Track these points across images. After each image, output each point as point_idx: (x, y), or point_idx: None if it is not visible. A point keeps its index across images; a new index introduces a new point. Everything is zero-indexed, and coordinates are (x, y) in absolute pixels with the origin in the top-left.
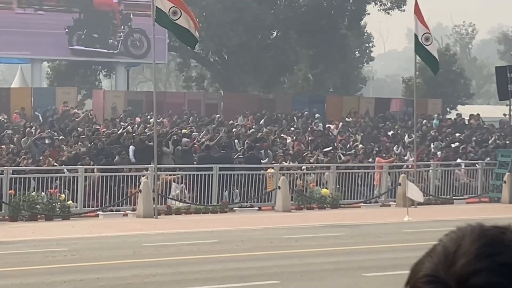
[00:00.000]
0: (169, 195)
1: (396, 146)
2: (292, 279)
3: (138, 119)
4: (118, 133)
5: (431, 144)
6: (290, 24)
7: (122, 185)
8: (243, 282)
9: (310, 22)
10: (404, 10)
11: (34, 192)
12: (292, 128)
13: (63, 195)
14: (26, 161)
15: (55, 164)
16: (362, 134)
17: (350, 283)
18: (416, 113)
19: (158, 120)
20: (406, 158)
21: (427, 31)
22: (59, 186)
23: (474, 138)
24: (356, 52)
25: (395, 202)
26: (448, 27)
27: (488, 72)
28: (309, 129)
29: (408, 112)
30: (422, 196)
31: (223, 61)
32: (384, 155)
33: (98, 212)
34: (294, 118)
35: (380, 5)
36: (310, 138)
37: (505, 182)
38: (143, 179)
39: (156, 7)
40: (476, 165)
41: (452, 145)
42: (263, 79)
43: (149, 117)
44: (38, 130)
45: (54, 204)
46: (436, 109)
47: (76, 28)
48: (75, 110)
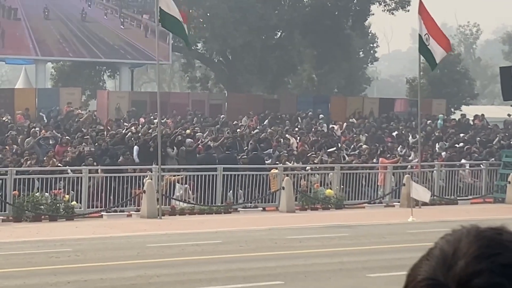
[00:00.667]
0: (173, 195)
1: (400, 146)
2: (296, 280)
3: (142, 120)
4: (122, 133)
5: (436, 144)
6: (294, 25)
7: (126, 185)
8: (247, 282)
9: (314, 23)
10: (408, 11)
11: (38, 193)
12: (296, 129)
13: (67, 196)
14: (29, 162)
15: (59, 164)
16: (366, 134)
17: (354, 283)
18: (420, 113)
19: (162, 121)
20: (410, 158)
21: (427, 33)
22: (63, 186)
23: (479, 138)
24: (361, 53)
25: (399, 202)
26: (453, 27)
27: (492, 72)
28: (313, 129)
29: (413, 113)
30: (429, 196)
31: (227, 61)
32: (388, 155)
33: (102, 213)
34: (298, 118)
35: (385, 5)
36: (314, 139)
37: (509, 183)
38: (147, 180)
39: (160, 9)
40: (481, 165)
41: (457, 145)
42: (267, 80)
43: (152, 117)
44: (42, 131)
45: (58, 205)
46: (440, 109)
47: None
48: (79, 110)
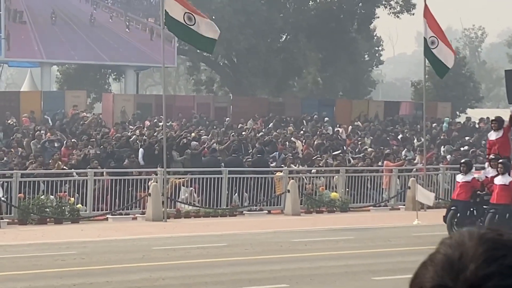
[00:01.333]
0: (178, 198)
1: (405, 149)
2: (301, 283)
3: (147, 123)
4: (127, 135)
5: (441, 147)
6: (299, 28)
7: (131, 188)
8: (253, 285)
9: (319, 26)
10: (413, 14)
11: (43, 196)
12: (302, 132)
13: (72, 199)
14: (33, 164)
15: (64, 167)
16: (371, 137)
17: (360, 286)
18: (425, 116)
19: (168, 124)
20: (415, 162)
21: (433, 35)
22: (69, 189)
23: (484, 141)
24: (366, 56)
25: (404, 205)
26: (458, 31)
27: (497, 75)
28: (318, 132)
29: (418, 116)
30: (432, 199)
31: (232, 64)
32: (394, 158)
33: (108, 216)
34: (304, 121)
35: (390, 8)
36: (319, 142)
37: None
38: (152, 183)
39: (166, 12)
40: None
41: (462, 148)
42: (272, 83)
43: (156, 120)
44: (48, 134)
45: (63, 208)
46: (445, 112)
47: None
48: (84, 113)
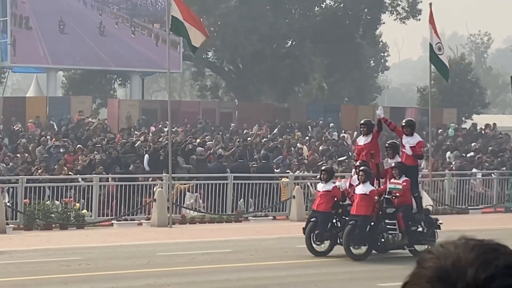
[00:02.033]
0: (183, 204)
1: None
2: None
3: (152, 128)
4: (133, 141)
5: (446, 153)
6: (305, 33)
7: (136, 194)
8: None
9: (325, 31)
10: (419, 20)
11: (48, 201)
12: (307, 137)
13: (77, 204)
14: (39, 170)
15: (70, 173)
16: None
17: None
18: (431, 122)
19: (173, 129)
20: (421, 167)
21: (439, 41)
22: (74, 195)
23: (490, 147)
24: (371, 61)
25: None
26: (464, 36)
27: (503, 81)
28: (323, 138)
29: (423, 122)
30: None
31: (237, 70)
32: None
33: (113, 221)
34: (309, 127)
35: (396, 14)
36: (324, 147)
37: None
38: (157, 188)
39: (172, 16)
40: (492, 174)
41: (468, 154)
42: (277, 88)
43: (161, 125)
44: (53, 139)
45: (68, 213)
46: (451, 118)
47: None
48: (90, 119)
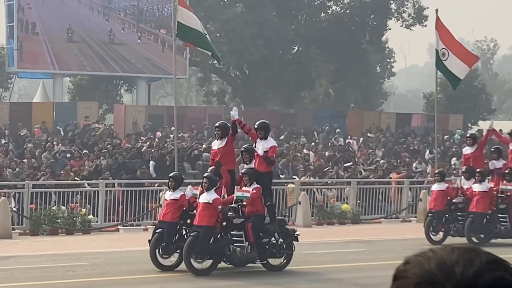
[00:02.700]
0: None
1: (417, 161)
2: None
3: (159, 134)
4: (138, 146)
5: (452, 159)
6: (311, 39)
7: (142, 199)
8: None
9: (331, 37)
10: (425, 26)
11: (54, 207)
12: (313, 143)
13: (83, 210)
14: (44, 176)
15: (76, 178)
16: (383, 149)
17: None
18: (437, 128)
19: (179, 135)
20: (428, 173)
21: (444, 47)
22: (80, 200)
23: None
24: (377, 67)
25: (416, 217)
26: (470, 42)
27: (509, 87)
28: (329, 144)
29: (429, 128)
30: None
31: (244, 75)
32: (404, 170)
33: (119, 227)
34: (315, 133)
35: (402, 20)
36: (330, 153)
37: None
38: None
39: (178, 22)
40: None
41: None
42: (284, 94)
43: (165, 132)
44: (59, 145)
45: (74, 219)
46: (457, 124)
47: None
48: (96, 124)
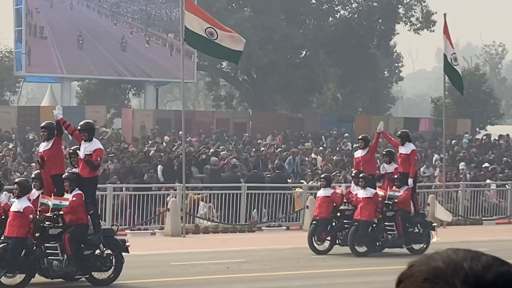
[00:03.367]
0: (197, 213)
1: (424, 166)
2: None
3: (166, 138)
4: (145, 150)
5: (460, 164)
6: (319, 44)
7: (150, 204)
8: None
9: (339, 42)
10: (433, 30)
11: None
12: (321, 148)
13: None
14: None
15: None
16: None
17: None
18: (445, 133)
19: (187, 139)
20: (435, 177)
21: (454, 52)
22: None
23: (505, 158)
24: (385, 72)
25: None
26: (478, 47)
27: None
28: (337, 148)
29: (437, 132)
30: (449, 216)
31: (252, 80)
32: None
33: (127, 231)
34: (322, 137)
35: (410, 25)
36: (337, 158)
37: None
38: (171, 198)
39: (186, 28)
40: (506, 185)
41: (483, 165)
42: (292, 98)
43: (172, 135)
44: (67, 149)
45: None
46: (465, 129)
47: None
48: (104, 128)
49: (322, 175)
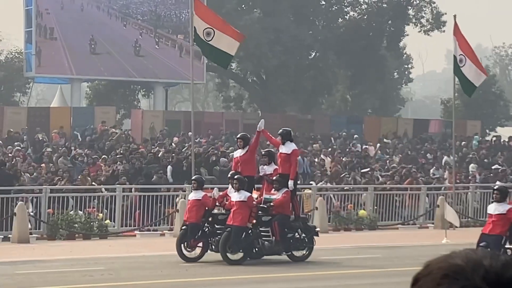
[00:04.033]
0: None
1: (434, 167)
2: None
3: (176, 139)
4: (155, 151)
5: (470, 166)
6: (328, 45)
7: (159, 204)
8: None
9: (348, 43)
10: (443, 31)
11: (72, 211)
12: (330, 149)
13: (101, 214)
14: (62, 181)
15: (93, 183)
16: (400, 155)
17: None
18: (455, 134)
19: (196, 140)
20: (445, 179)
21: (461, 53)
22: (97, 205)
23: None
24: (395, 73)
25: (433, 224)
26: (488, 49)
27: None
28: (347, 150)
29: (447, 134)
30: (458, 220)
31: (261, 81)
32: (423, 177)
33: (136, 232)
34: (332, 138)
35: (420, 26)
36: (347, 159)
37: None
38: (180, 199)
39: (194, 28)
40: None
41: (492, 167)
42: (301, 100)
43: (182, 136)
44: (77, 149)
45: (92, 223)
46: (475, 130)
47: None
48: (113, 129)
49: (193, 177)
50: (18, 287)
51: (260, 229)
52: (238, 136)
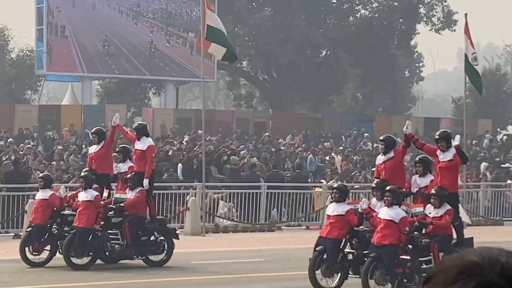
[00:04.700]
0: (216, 213)
1: None
2: None
3: (186, 137)
4: (166, 149)
5: (481, 164)
6: (339, 43)
7: (170, 202)
8: None
9: (359, 41)
10: (454, 30)
11: None
12: (341, 148)
13: None
14: (72, 179)
15: None
16: (411, 154)
17: None
18: (466, 133)
19: (207, 138)
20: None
21: (475, 51)
22: None
23: None
24: (406, 72)
25: None
26: (499, 47)
27: None
28: (357, 148)
29: (458, 132)
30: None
31: (272, 79)
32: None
33: None
34: (342, 137)
35: (431, 25)
36: (358, 158)
37: None
38: (190, 197)
39: (208, 25)
40: None
41: (503, 165)
42: (311, 98)
43: (195, 135)
44: (88, 147)
45: None
46: (486, 129)
47: None
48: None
49: (40, 175)
50: (30, 285)
51: (109, 231)
52: (93, 131)
